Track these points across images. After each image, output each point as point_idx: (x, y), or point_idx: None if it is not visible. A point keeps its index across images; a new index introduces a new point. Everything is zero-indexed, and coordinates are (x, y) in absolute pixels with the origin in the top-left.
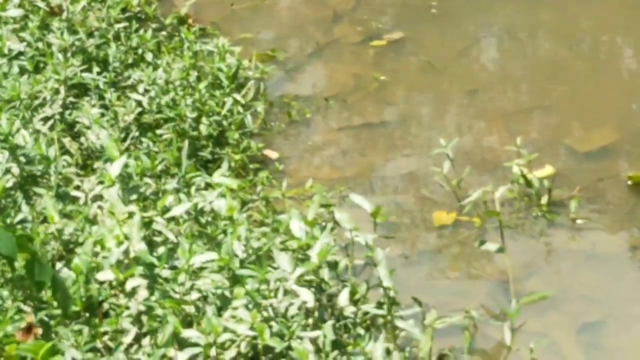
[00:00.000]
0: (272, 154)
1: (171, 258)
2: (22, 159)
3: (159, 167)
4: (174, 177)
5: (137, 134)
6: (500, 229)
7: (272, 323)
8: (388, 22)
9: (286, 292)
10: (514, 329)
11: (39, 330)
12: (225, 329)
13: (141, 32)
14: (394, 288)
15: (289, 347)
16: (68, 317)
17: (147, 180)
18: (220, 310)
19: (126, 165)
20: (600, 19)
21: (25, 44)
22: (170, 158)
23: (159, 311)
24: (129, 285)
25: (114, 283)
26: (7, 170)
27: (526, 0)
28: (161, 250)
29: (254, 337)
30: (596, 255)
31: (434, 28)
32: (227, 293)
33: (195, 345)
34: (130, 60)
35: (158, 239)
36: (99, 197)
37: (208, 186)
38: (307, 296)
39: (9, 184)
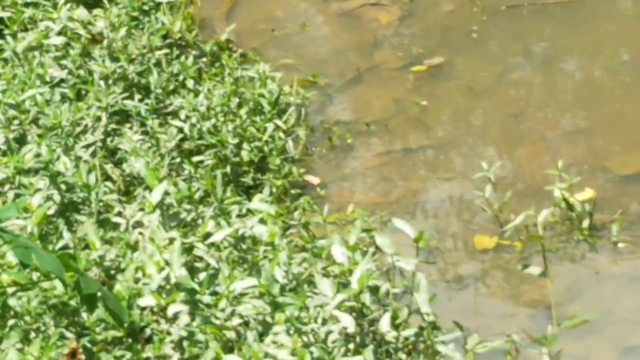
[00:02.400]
0: (314, 180)
1: (212, 284)
2: (63, 186)
3: (198, 194)
4: (213, 203)
5: (178, 160)
6: (542, 253)
7: (313, 348)
8: (428, 47)
9: (327, 318)
10: (553, 355)
11: (83, 356)
12: (266, 355)
13: (182, 58)
14: (434, 313)
15: None
16: (123, 328)
17: (187, 206)
18: (261, 336)
19: (166, 192)
20: None
21: (67, 71)
22: (208, 185)
23: (200, 337)
24: (170, 311)
25: (156, 309)
26: (49, 198)
27: (566, 24)
28: (203, 276)
29: None
30: (638, 279)
31: (474, 53)
32: (268, 318)
33: None
34: (171, 87)
35: (199, 264)
36: (140, 224)
37: (249, 212)
38: (348, 322)
39: (51, 211)
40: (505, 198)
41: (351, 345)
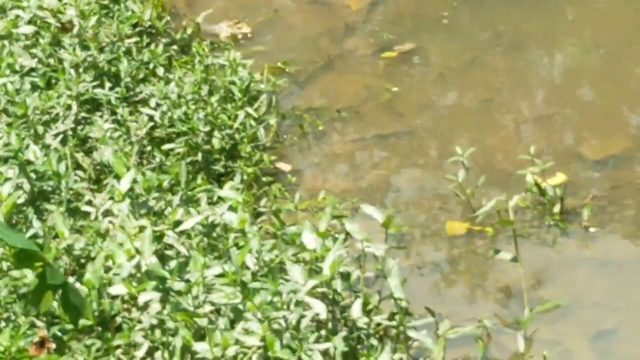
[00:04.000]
0: (285, 167)
1: (183, 271)
2: (33, 175)
3: (169, 182)
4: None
5: (149, 148)
6: (514, 238)
7: (284, 335)
8: (399, 34)
9: (298, 304)
10: (527, 338)
11: (53, 345)
12: (237, 341)
13: (152, 47)
14: (406, 298)
15: (300, 359)
16: (79, 328)
17: (156, 194)
18: (232, 323)
19: (135, 181)
20: (612, 26)
21: (37, 60)
22: (174, 174)
23: (171, 324)
24: (141, 299)
25: (126, 297)
26: (18, 187)
27: (537, 9)
28: (173, 264)
29: (265, 349)
30: (609, 263)
31: (445, 38)
32: (239, 306)
33: (206, 358)
34: (141, 75)
35: (170, 252)
36: (110, 212)
37: (220, 200)
38: (319, 308)
39: (20, 200)
40: (479, 182)
41: (323, 332)
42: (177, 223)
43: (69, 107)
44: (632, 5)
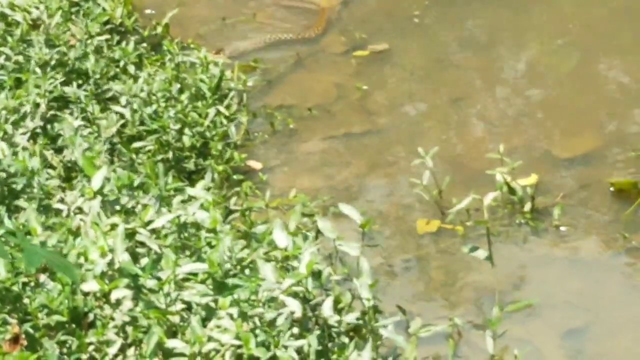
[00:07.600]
0: (256, 165)
1: (155, 269)
2: (3, 173)
3: (139, 180)
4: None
5: (119, 146)
6: (487, 237)
7: (257, 332)
8: (371, 33)
9: (273, 302)
10: (496, 337)
11: (25, 342)
12: (210, 339)
13: (123, 44)
14: (376, 297)
15: (274, 357)
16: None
17: (128, 192)
18: (205, 321)
19: (107, 178)
20: (581, 27)
21: (4, 57)
22: (152, 174)
23: (143, 322)
24: (114, 296)
25: (99, 294)
26: None
27: (507, 9)
28: (144, 261)
29: (239, 347)
30: (579, 262)
31: (416, 38)
32: (211, 303)
33: (181, 355)
34: (112, 73)
35: (141, 250)
36: (81, 210)
37: (191, 197)
38: (295, 306)
39: None
40: (444, 185)
41: (295, 330)
42: (149, 221)
43: (37, 105)
44: (602, 6)
